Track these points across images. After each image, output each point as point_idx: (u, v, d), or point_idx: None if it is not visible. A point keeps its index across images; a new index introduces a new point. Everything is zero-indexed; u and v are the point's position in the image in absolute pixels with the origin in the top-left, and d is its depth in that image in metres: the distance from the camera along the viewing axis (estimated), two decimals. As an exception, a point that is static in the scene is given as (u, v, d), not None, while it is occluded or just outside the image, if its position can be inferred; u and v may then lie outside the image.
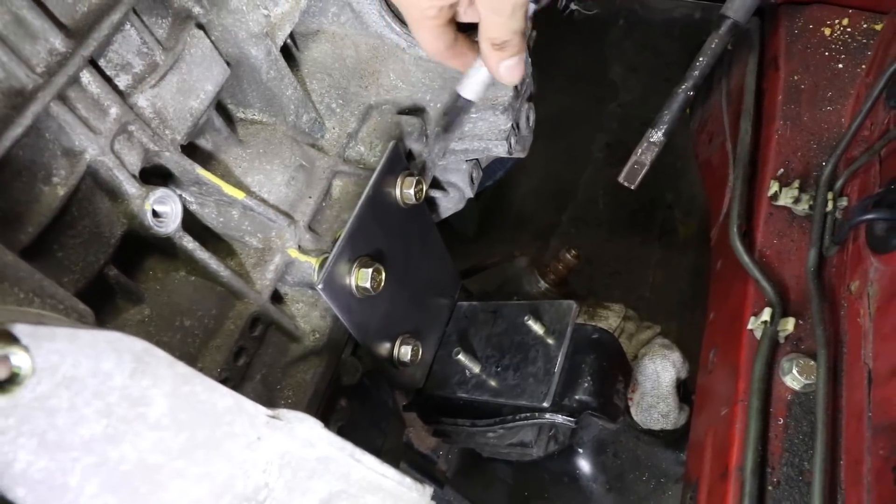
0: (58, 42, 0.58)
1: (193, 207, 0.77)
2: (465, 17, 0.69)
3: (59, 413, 0.41)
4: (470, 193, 1.07)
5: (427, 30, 0.67)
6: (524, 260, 1.24)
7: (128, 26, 0.65)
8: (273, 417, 0.56)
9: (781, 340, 0.81)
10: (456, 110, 0.78)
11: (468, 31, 0.72)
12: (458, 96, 0.76)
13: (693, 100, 0.81)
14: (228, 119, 0.84)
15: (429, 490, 0.66)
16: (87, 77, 0.61)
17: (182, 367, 0.49)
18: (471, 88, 0.75)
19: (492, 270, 1.27)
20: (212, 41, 0.74)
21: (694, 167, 1.42)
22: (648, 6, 1.35)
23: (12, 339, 0.37)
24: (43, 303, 0.54)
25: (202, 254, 0.72)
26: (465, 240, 1.75)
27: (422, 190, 0.85)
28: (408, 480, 0.64)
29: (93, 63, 0.62)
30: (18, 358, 0.36)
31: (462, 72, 0.74)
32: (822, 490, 0.67)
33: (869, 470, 0.66)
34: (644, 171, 0.81)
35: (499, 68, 0.66)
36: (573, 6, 1.34)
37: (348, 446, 0.59)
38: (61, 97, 0.59)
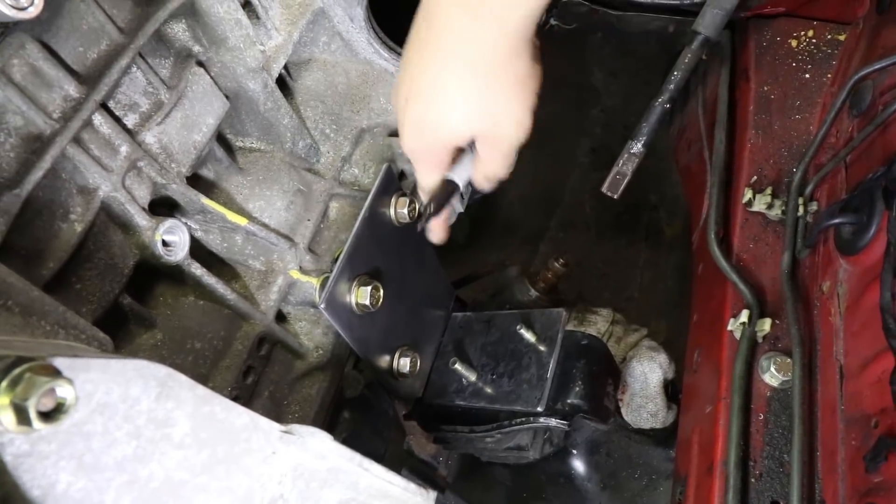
0: (72, 88, 0.62)
1: (199, 235, 0.81)
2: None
3: (95, 437, 0.45)
4: (460, 209, 1.11)
5: (429, 169, 0.76)
6: (514, 269, 1.27)
7: (134, 69, 0.69)
8: (286, 432, 0.59)
9: (760, 340, 0.85)
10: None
11: None
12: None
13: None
14: (228, 148, 0.88)
15: (433, 494, 0.70)
16: (98, 119, 0.65)
17: (201, 390, 0.53)
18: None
19: (484, 279, 1.31)
20: (212, 77, 0.78)
21: (676, 169, 1.46)
22: (625, 20, 1.40)
23: (56, 372, 0.40)
24: (67, 334, 0.57)
25: (209, 279, 0.76)
26: (456, 247, 1.78)
27: (415, 209, 0.89)
28: (412, 486, 0.68)
29: (104, 105, 0.66)
30: (64, 390, 0.40)
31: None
32: (801, 480, 0.72)
33: (843, 459, 0.71)
34: (626, 182, 0.84)
35: (483, 185, 0.79)
36: (553, 21, 1.38)
37: (356, 456, 0.63)
38: (76, 139, 0.62)
